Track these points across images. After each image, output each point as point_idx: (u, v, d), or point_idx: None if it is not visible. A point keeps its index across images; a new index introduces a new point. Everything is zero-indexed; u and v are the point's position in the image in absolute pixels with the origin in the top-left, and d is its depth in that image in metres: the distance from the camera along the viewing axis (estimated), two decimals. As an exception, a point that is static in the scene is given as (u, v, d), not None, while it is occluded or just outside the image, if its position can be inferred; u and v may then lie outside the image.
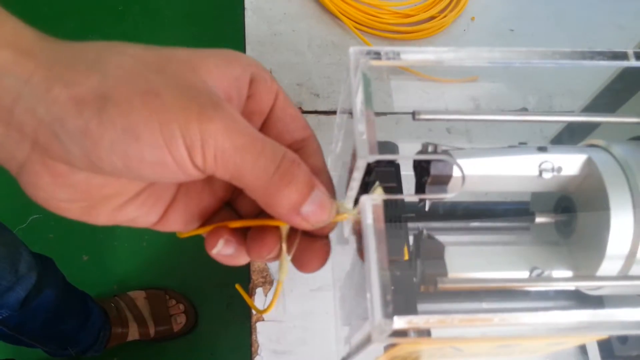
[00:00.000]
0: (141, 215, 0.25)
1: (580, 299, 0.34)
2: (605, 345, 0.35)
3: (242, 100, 0.26)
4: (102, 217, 0.24)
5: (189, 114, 0.21)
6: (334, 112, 0.58)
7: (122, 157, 0.21)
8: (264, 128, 0.28)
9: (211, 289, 1.21)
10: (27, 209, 1.20)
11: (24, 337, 0.90)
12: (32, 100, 0.20)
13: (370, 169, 0.31)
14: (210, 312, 1.21)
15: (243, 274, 0.53)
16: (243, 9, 0.63)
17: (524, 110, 0.62)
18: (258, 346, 0.47)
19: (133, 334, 1.13)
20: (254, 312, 0.49)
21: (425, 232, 0.32)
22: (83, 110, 0.20)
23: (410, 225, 0.35)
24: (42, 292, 0.85)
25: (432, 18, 0.65)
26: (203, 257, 0.29)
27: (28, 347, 0.95)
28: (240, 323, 1.19)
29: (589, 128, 0.39)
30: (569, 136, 0.45)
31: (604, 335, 0.29)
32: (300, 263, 0.27)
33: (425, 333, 0.27)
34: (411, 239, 0.33)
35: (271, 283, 0.50)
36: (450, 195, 0.29)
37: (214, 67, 0.24)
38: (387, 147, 0.37)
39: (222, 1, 1.54)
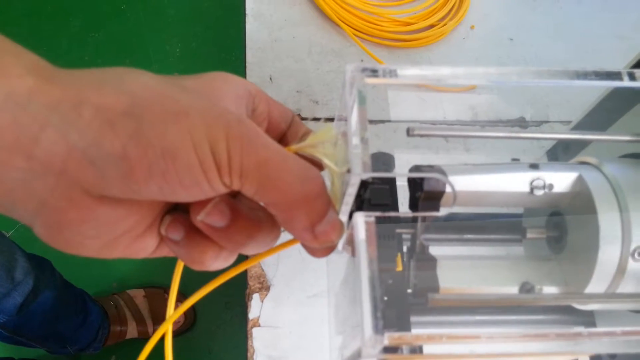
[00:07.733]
0: (148, 247, 0.25)
1: (571, 313, 0.34)
2: (594, 361, 0.35)
3: (249, 114, 0.27)
4: (118, 251, 0.24)
5: (217, 133, 0.21)
6: (333, 119, 0.58)
7: (160, 180, 0.21)
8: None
9: (209, 289, 1.21)
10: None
11: (22, 338, 0.91)
12: (62, 126, 0.20)
13: (365, 184, 0.32)
14: (208, 312, 1.22)
15: (240, 280, 0.53)
16: (244, 14, 0.64)
17: (521, 119, 0.62)
18: (254, 351, 0.48)
19: (132, 332, 1.14)
20: (249, 318, 0.49)
21: (418, 244, 0.32)
22: (119, 133, 0.20)
23: (405, 235, 0.35)
24: (39, 295, 0.86)
25: (431, 26, 0.65)
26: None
27: (27, 347, 0.96)
28: (237, 323, 1.20)
29: (583, 143, 0.40)
30: (564, 148, 0.46)
31: (593, 352, 0.29)
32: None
33: (417, 348, 0.28)
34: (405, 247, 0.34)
35: (268, 289, 0.50)
36: (443, 213, 0.29)
37: (220, 89, 0.25)
38: (383, 158, 0.37)
39: (225, 2, 1.54)
